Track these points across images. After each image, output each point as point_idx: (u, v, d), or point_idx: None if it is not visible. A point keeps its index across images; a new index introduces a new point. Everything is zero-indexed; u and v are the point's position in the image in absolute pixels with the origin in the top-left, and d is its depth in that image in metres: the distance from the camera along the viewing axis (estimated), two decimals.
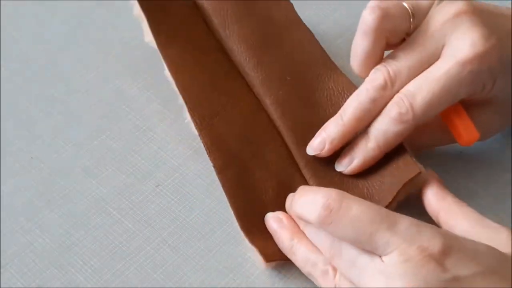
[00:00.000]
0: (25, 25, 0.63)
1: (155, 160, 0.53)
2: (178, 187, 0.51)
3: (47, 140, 0.54)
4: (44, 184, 0.52)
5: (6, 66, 0.59)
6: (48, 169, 0.53)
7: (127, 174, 0.52)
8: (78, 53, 0.60)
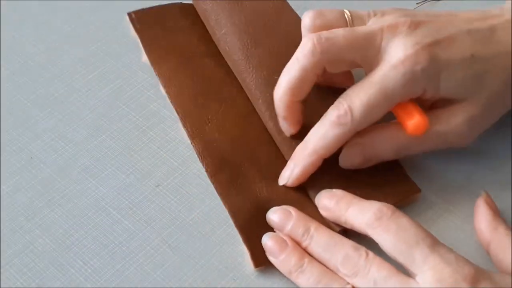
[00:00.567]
0: (25, 25, 0.63)
1: (155, 160, 0.53)
2: (178, 187, 0.51)
3: (47, 140, 0.54)
4: (44, 184, 0.52)
5: (6, 66, 0.59)
6: (48, 169, 0.53)
7: (127, 174, 0.52)
8: (78, 53, 0.60)
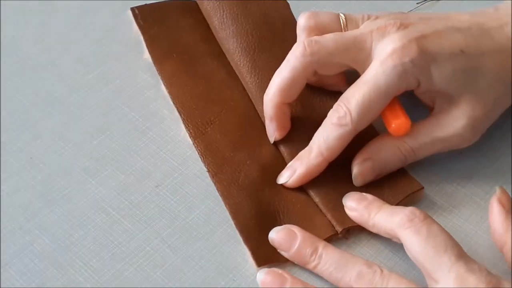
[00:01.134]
0: (25, 25, 0.63)
1: (155, 160, 0.53)
2: (177, 187, 0.51)
3: (47, 140, 0.54)
4: (44, 184, 0.52)
5: (6, 66, 0.59)
6: (48, 169, 0.53)
7: (126, 174, 0.52)
8: (78, 53, 0.60)
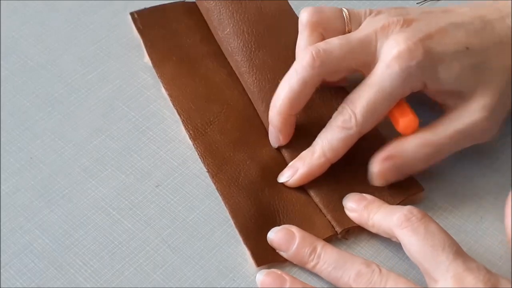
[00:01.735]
0: (25, 25, 0.63)
1: (155, 160, 0.53)
2: (177, 187, 0.51)
3: (47, 140, 0.54)
4: (44, 184, 0.52)
5: (6, 66, 0.59)
6: (48, 169, 0.53)
7: (126, 174, 0.52)
8: (78, 53, 0.60)
